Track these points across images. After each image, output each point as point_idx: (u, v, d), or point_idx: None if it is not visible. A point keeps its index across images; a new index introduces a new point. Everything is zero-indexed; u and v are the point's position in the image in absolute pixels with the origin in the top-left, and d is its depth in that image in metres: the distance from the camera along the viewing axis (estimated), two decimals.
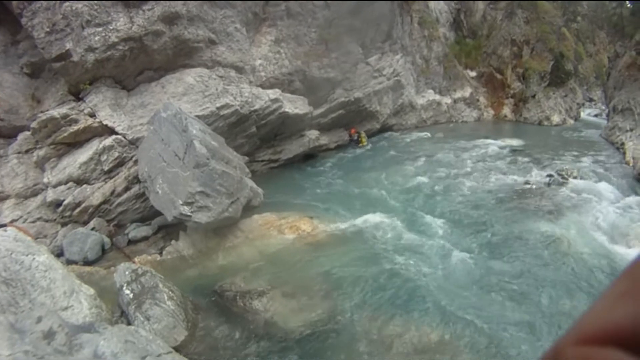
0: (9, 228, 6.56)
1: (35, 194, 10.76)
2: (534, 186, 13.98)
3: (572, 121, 29.67)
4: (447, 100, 28.42)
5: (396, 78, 22.68)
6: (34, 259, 5.73)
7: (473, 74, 31.18)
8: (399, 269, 8.76)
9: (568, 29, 34.26)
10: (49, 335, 4.08)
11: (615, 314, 0.34)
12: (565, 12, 36.39)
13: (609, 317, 0.34)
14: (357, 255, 9.47)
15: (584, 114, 33.36)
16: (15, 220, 9.77)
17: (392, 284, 8.28)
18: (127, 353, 4.31)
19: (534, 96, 29.47)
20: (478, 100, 30.34)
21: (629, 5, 27.38)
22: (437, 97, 27.75)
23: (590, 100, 42.56)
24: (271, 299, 7.83)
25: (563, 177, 14.36)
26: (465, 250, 9.58)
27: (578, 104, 31.54)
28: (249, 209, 10.78)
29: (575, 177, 14.45)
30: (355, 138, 21.00)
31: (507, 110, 30.33)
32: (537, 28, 29.99)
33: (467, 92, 29.67)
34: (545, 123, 28.56)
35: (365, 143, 20.96)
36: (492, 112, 30.63)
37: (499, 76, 30.79)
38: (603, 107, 36.88)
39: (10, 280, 5.04)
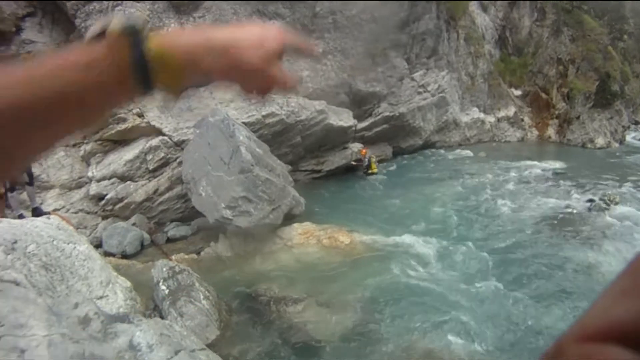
0: (52, 216, 6.67)
1: (79, 186, 11.01)
2: (574, 211, 13.47)
3: (616, 144, 28.25)
4: (490, 119, 27.72)
5: (441, 94, 22.29)
6: (74, 247, 5.76)
7: (518, 92, 30.23)
8: (432, 290, 8.52)
9: (614, 47, 32.63)
10: (85, 321, 4.06)
11: (618, 311, 0.33)
12: (612, 30, 34.89)
13: (611, 314, 0.33)
14: (392, 272, 9.24)
15: (629, 138, 31.70)
16: (58, 210, 9.97)
17: (422, 303, 8.06)
18: (162, 345, 4.26)
19: (578, 117, 28.29)
20: (522, 120, 29.44)
21: None
22: (482, 115, 27.08)
23: (636, 123, 40.29)
24: (305, 307, 7.76)
25: (605, 203, 13.78)
26: (499, 277, 9.20)
27: (623, 126, 30.02)
28: (290, 217, 10.76)
29: (617, 204, 13.87)
30: (367, 162, 17.37)
31: (551, 131, 29.23)
32: (582, 46, 28.94)
33: (511, 111, 28.86)
34: (589, 146, 27.28)
35: (376, 170, 17.41)
36: (536, 132, 29.56)
37: (544, 96, 29.73)
38: None
39: (49, 266, 5.06)
